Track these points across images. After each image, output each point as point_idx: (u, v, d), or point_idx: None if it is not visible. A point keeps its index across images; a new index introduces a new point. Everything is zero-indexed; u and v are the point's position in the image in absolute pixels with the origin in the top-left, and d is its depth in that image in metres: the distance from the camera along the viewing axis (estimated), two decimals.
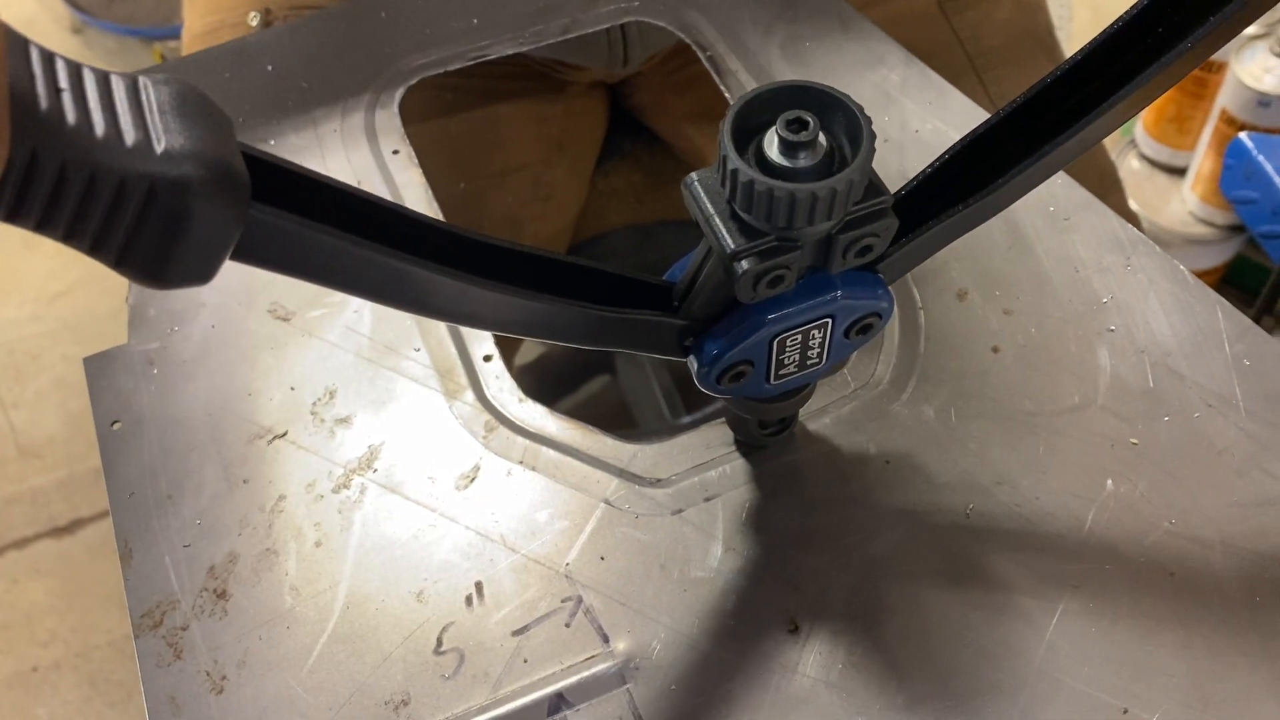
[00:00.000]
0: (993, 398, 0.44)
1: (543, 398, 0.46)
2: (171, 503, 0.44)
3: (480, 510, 0.42)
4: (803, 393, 0.41)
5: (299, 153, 0.56)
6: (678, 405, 0.98)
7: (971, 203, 0.34)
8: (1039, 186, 0.51)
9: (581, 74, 0.74)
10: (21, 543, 1.34)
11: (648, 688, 0.38)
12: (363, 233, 0.27)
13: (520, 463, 0.44)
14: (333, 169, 0.55)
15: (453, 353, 0.47)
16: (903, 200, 0.34)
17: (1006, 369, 0.45)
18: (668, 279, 0.35)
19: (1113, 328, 0.46)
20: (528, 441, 0.44)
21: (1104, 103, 0.33)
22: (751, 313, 0.34)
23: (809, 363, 0.37)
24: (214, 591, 0.41)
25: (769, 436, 0.43)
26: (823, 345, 0.36)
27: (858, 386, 0.45)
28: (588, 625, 0.39)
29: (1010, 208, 0.50)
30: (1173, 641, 0.38)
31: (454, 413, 0.46)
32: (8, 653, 1.25)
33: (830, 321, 0.35)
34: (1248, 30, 1.25)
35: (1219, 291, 0.46)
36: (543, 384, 1.04)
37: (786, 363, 0.36)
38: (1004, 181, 0.34)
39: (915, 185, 0.35)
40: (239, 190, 0.24)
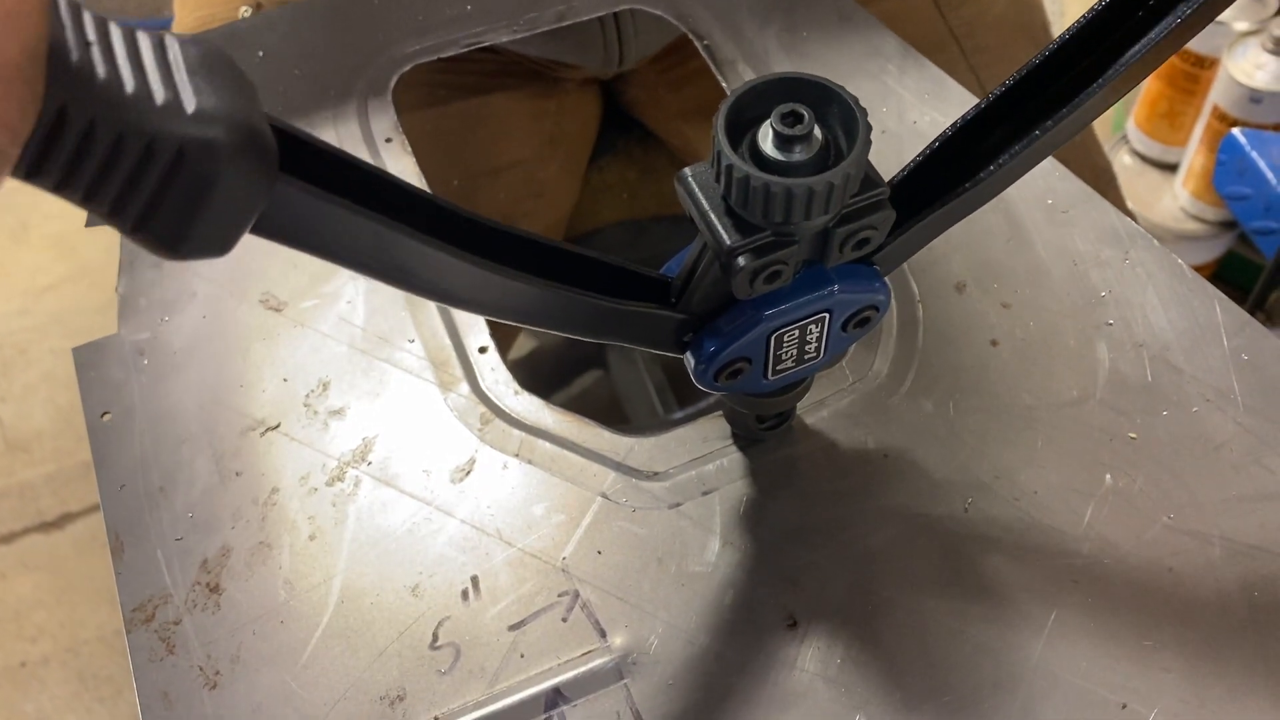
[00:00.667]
0: (991, 391, 0.44)
1: (535, 392, 0.46)
2: (163, 495, 0.43)
3: (476, 503, 0.42)
4: (800, 387, 0.40)
5: None
6: (670, 400, 0.98)
7: (963, 190, 0.34)
8: (1037, 179, 0.51)
9: (576, 72, 0.74)
10: (9, 538, 1.34)
11: (645, 683, 0.37)
12: (384, 212, 0.26)
13: (516, 455, 0.43)
14: None
15: (447, 344, 0.47)
16: (895, 190, 0.34)
17: (1005, 363, 0.45)
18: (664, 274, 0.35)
19: (1111, 322, 0.45)
20: (523, 434, 0.44)
21: (1091, 84, 0.32)
22: (748, 309, 0.33)
23: (806, 357, 0.36)
24: (207, 585, 0.41)
25: (766, 430, 0.43)
26: (820, 339, 0.36)
27: (856, 380, 0.45)
28: (585, 620, 0.39)
29: (1009, 200, 0.50)
30: (1171, 637, 0.37)
31: (449, 405, 0.45)
32: None
33: (828, 316, 0.35)
34: (1240, 26, 1.25)
35: None
36: (535, 378, 1.03)
37: (784, 358, 0.36)
38: (995, 168, 0.33)
39: (906, 175, 0.34)
40: (268, 158, 0.23)
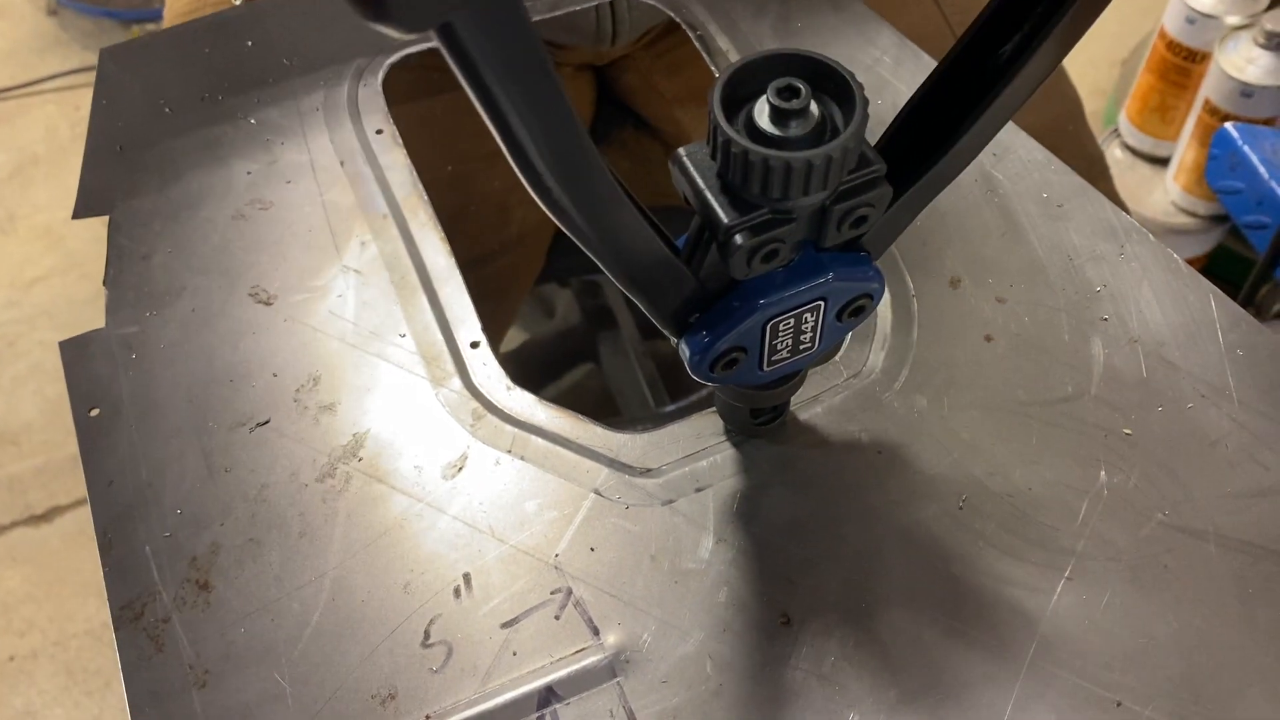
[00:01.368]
0: (985, 387, 0.44)
1: (526, 385, 0.45)
2: (152, 491, 0.43)
3: (468, 500, 0.42)
4: (794, 380, 0.40)
5: (280, 131, 0.55)
6: (661, 394, 0.97)
7: (943, 152, 0.33)
8: (1032, 173, 0.51)
9: (569, 54, 0.73)
10: None
11: (638, 681, 0.37)
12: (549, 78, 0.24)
13: (509, 452, 0.43)
14: (315, 148, 0.54)
15: (439, 339, 0.47)
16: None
17: (999, 358, 0.45)
18: None
19: (1106, 317, 0.45)
20: (516, 430, 0.44)
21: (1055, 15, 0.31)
22: (744, 298, 0.33)
23: (802, 347, 0.36)
24: (196, 583, 0.40)
25: (760, 426, 0.42)
26: (815, 328, 0.36)
27: (850, 375, 0.45)
28: (577, 617, 0.39)
29: (1003, 195, 0.50)
30: (1166, 634, 0.37)
31: (441, 400, 0.45)
32: None
33: (822, 304, 0.34)
34: (1231, 20, 1.25)
35: None
36: (526, 371, 1.03)
37: (779, 348, 0.36)
38: (972, 120, 0.33)
39: (882, 146, 0.34)
40: None
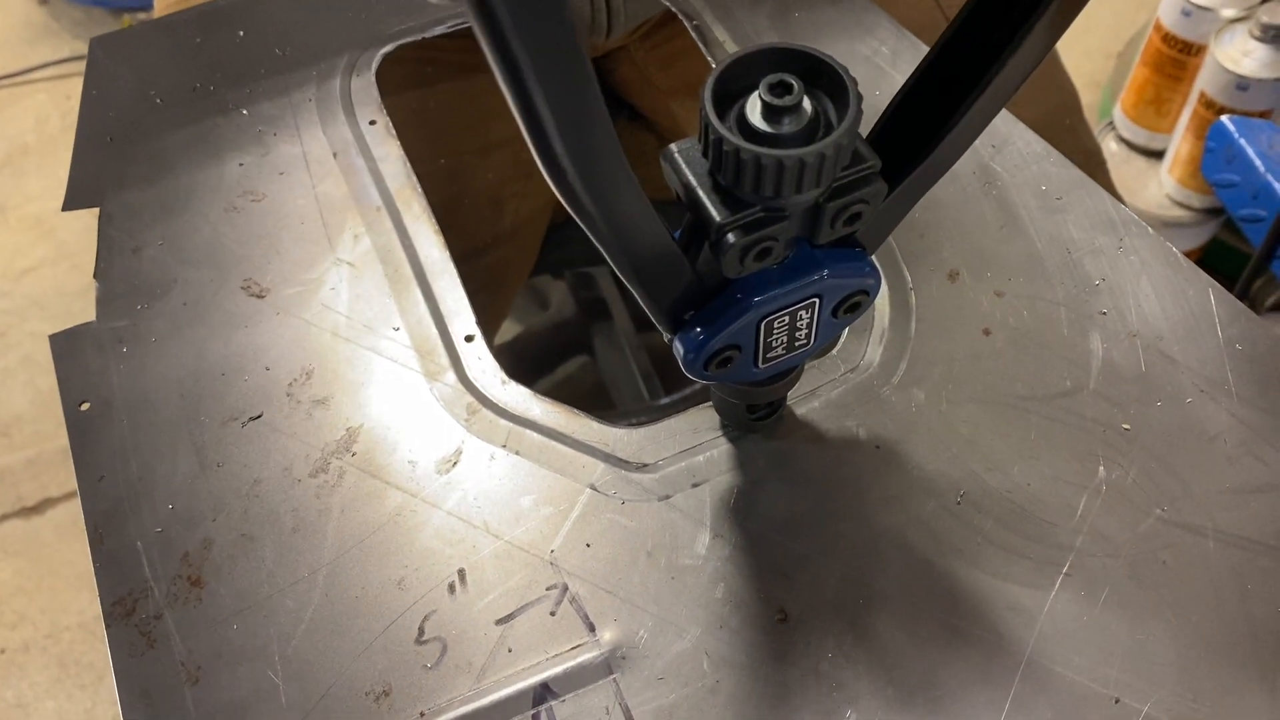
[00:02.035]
0: (984, 382, 0.43)
1: (520, 378, 0.45)
2: (143, 486, 0.42)
3: (463, 495, 0.41)
4: (790, 376, 0.40)
5: (273, 122, 0.55)
6: (656, 387, 0.97)
7: (936, 141, 0.33)
8: (1031, 166, 0.50)
9: None
10: None
11: (634, 678, 0.37)
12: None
13: (503, 446, 0.43)
14: (308, 140, 0.54)
15: (433, 333, 0.46)
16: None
17: (998, 352, 0.44)
18: None
19: (1105, 311, 0.45)
20: (511, 424, 0.43)
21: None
22: (738, 296, 0.33)
23: (797, 344, 0.36)
24: (188, 579, 0.40)
25: (757, 421, 0.42)
26: (810, 325, 0.35)
27: (847, 370, 0.44)
28: (573, 614, 0.38)
29: (1002, 187, 0.50)
30: (1164, 630, 0.37)
31: (435, 394, 0.44)
32: None
33: (818, 301, 0.34)
34: (1227, 13, 1.25)
35: None
36: (520, 364, 1.02)
37: (774, 345, 0.35)
38: (965, 107, 0.32)
39: (873, 138, 0.33)
40: None
